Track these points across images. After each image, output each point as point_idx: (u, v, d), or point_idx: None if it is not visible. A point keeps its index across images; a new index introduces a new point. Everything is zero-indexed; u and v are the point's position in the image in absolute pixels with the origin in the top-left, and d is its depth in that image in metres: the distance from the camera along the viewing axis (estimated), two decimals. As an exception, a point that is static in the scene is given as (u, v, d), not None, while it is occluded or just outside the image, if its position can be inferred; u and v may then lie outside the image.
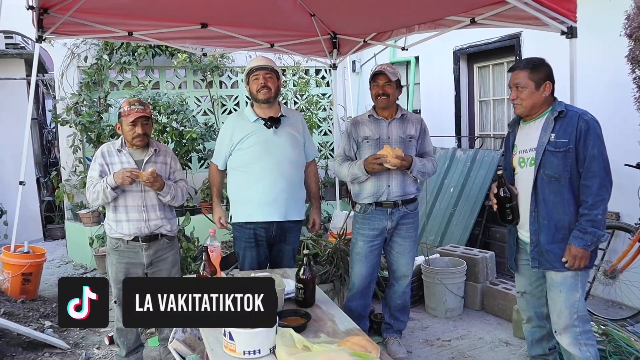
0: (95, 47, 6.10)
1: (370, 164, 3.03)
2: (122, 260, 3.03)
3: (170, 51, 6.23)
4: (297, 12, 4.44)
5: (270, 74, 3.16)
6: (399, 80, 3.18)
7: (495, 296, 4.06)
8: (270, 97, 3.15)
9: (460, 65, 5.77)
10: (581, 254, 2.41)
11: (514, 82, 2.53)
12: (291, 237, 3.32)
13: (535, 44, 4.63)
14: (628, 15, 3.22)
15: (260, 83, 3.13)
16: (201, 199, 6.35)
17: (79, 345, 3.77)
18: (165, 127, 5.85)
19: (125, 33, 4.27)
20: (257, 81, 3.15)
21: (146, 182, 2.87)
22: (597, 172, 2.40)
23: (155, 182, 2.89)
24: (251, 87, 3.20)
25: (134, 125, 2.94)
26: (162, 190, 2.97)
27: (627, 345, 2.95)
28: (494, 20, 3.39)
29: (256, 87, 3.15)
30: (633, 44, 3.26)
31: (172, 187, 3.04)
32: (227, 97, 7.07)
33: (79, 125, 5.85)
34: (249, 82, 3.21)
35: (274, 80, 3.17)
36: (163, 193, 2.98)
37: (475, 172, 5.14)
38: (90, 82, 6.04)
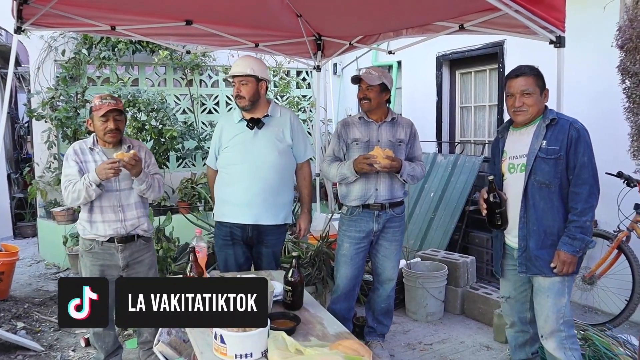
0: (73, 40, 5.94)
1: (360, 164, 3.02)
2: (97, 263, 2.93)
3: (151, 48, 6.13)
4: (283, 12, 4.40)
5: (244, 80, 3.09)
6: (384, 84, 3.15)
7: (475, 300, 4.10)
8: (245, 105, 3.11)
9: (443, 71, 5.83)
10: (570, 259, 2.44)
11: (521, 88, 2.52)
12: (269, 239, 3.24)
13: (519, 52, 4.71)
14: (620, 27, 3.30)
15: (235, 92, 3.12)
16: (179, 199, 6.25)
17: (54, 348, 3.65)
18: (145, 124, 5.74)
19: (108, 27, 4.15)
20: (234, 88, 3.14)
21: (127, 163, 2.75)
22: (586, 180, 2.44)
23: (136, 166, 2.79)
24: (233, 93, 3.17)
25: (105, 120, 2.84)
26: (139, 177, 2.86)
27: (607, 349, 3.00)
28: (482, 27, 3.42)
29: (234, 95, 3.14)
30: (624, 55, 3.34)
31: (149, 176, 2.94)
32: (207, 96, 6.99)
33: (54, 121, 5.68)
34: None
35: (249, 87, 3.09)
36: (139, 180, 2.87)
37: (456, 177, 5.18)
38: (67, 77, 5.88)
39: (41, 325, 4.01)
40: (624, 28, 3.24)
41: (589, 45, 4.06)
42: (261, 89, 3.15)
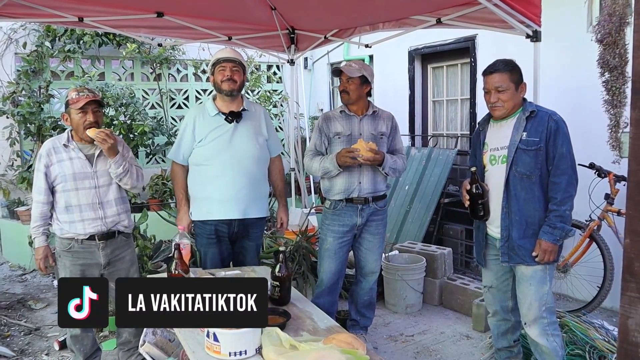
0: (35, 32, 5.70)
1: (342, 157, 3.01)
2: (77, 262, 2.83)
3: (118, 41, 5.95)
4: (257, 4, 4.34)
5: (237, 67, 3.10)
6: (364, 76, 3.15)
7: (453, 291, 4.16)
8: (234, 89, 3.09)
9: (415, 65, 5.88)
10: (551, 248, 2.51)
11: (494, 85, 2.56)
12: (254, 233, 3.25)
13: (491, 46, 4.79)
14: (599, 21, 3.39)
15: (227, 75, 3.06)
16: (149, 196, 6.10)
17: (26, 352, 3.51)
18: (113, 120, 5.57)
19: (75, 19, 4.00)
20: (223, 72, 3.07)
21: (98, 136, 2.66)
22: (565, 170, 2.51)
23: (111, 145, 2.69)
24: (216, 78, 3.11)
25: (84, 113, 2.73)
26: (115, 159, 2.76)
27: (584, 335, 3.10)
28: (459, 21, 3.47)
29: (221, 78, 3.08)
30: (603, 49, 3.42)
31: (126, 160, 2.83)
32: (177, 91, 6.85)
33: (16, 117, 5.45)
34: (213, 73, 3.12)
35: (240, 74, 3.11)
36: (116, 163, 2.77)
37: (430, 170, 5.24)
38: (29, 71, 5.63)
39: (10, 329, 3.85)
40: (602, 22, 3.33)
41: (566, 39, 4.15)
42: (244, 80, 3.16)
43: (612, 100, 3.38)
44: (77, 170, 2.78)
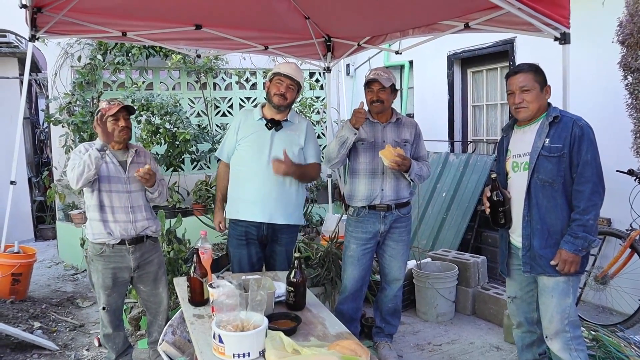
0: (89, 47, 6.08)
1: (354, 117, 3.00)
2: (109, 266, 2.99)
3: (165, 52, 6.23)
4: (291, 14, 4.44)
5: (293, 85, 3.18)
6: (393, 85, 3.17)
7: (486, 301, 4.06)
8: (282, 105, 3.18)
9: (454, 70, 5.79)
10: (572, 258, 2.41)
11: (519, 85, 2.51)
12: (283, 238, 3.28)
13: (529, 49, 4.65)
14: (620, 22, 3.24)
15: (281, 90, 3.15)
16: (193, 201, 6.33)
17: (69, 347, 3.74)
18: (159, 128, 5.83)
19: (119, 33, 4.25)
20: (279, 86, 3.16)
21: (142, 177, 2.87)
22: (589, 178, 2.40)
23: (150, 179, 2.91)
24: (271, 88, 3.21)
25: (116, 120, 2.93)
26: (153, 187, 3.00)
27: (617, 350, 2.95)
28: (487, 26, 3.40)
29: (275, 91, 3.17)
30: (625, 51, 3.27)
31: (160, 184, 3.08)
32: (221, 99, 7.07)
33: (71, 125, 5.82)
34: (271, 80, 3.22)
35: (292, 93, 3.20)
36: (152, 189, 3.02)
37: (467, 176, 5.15)
38: (83, 82, 6.02)
39: (57, 325, 4.11)
40: (624, 23, 3.17)
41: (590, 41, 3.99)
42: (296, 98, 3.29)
43: (635, 104, 3.20)
44: (112, 174, 2.96)
